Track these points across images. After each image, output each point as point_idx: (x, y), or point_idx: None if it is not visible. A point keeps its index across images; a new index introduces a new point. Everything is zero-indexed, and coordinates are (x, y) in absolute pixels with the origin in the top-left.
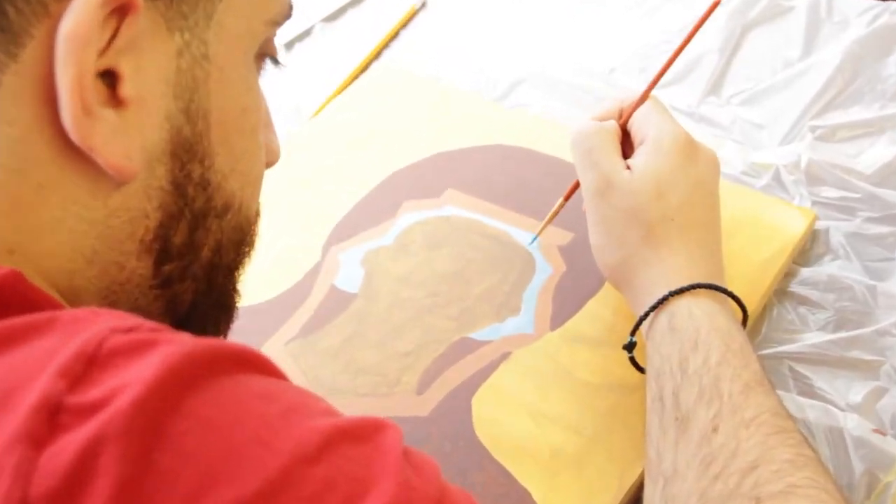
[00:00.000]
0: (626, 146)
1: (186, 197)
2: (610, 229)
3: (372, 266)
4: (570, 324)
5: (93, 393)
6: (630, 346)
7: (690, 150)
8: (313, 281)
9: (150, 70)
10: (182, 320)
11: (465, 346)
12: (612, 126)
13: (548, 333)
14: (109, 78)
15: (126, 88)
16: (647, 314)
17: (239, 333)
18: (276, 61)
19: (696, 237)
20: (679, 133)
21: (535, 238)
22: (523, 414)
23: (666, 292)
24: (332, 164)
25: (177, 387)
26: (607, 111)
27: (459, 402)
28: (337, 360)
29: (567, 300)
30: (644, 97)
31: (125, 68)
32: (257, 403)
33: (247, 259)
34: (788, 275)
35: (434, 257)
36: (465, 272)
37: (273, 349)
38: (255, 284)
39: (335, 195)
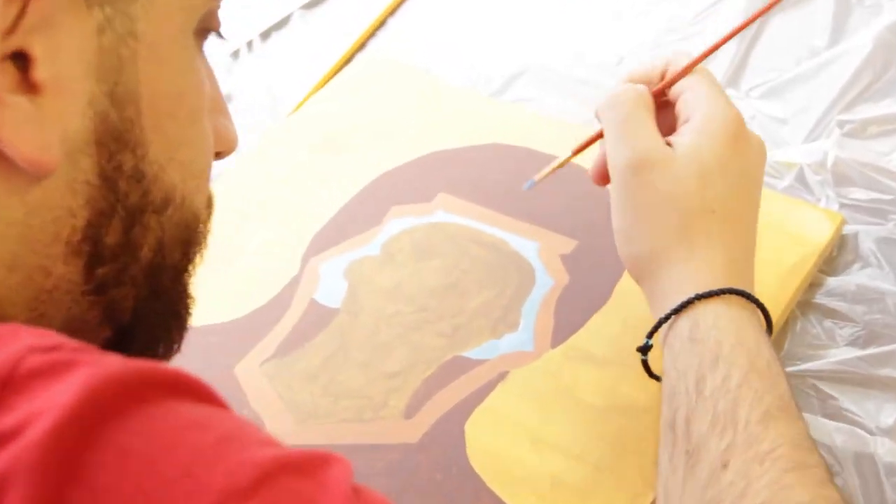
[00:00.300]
0: (660, 118)
1: (118, 191)
2: (641, 214)
3: (356, 278)
4: (573, 340)
5: (5, 421)
6: (645, 349)
7: (742, 134)
8: (291, 295)
9: (67, 50)
10: (127, 330)
11: (458, 366)
12: (647, 93)
13: (549, 351)
14: (21, 61)
15: (39, 72)
16: (668, 317)
17: (209, 353)
18: (220, 36)
19: (736, 234)
20: (733, 114)
21: (531, 182)
22: (522, 440)
23: (692, 294)
24: (312, 166)
25: (97, 414)
26: (648, 71)
27: (452, 426)
28: (317, 382)
29: (570, 314)
30: (691, 66)
31: (37, 49)
32: (188, 433)
33: (197, 259)
34: (813, 285)
35: (424, 268)
36: (458, 284)
37: (247, 370)
38: (227, 300)
39: (315, 200)
